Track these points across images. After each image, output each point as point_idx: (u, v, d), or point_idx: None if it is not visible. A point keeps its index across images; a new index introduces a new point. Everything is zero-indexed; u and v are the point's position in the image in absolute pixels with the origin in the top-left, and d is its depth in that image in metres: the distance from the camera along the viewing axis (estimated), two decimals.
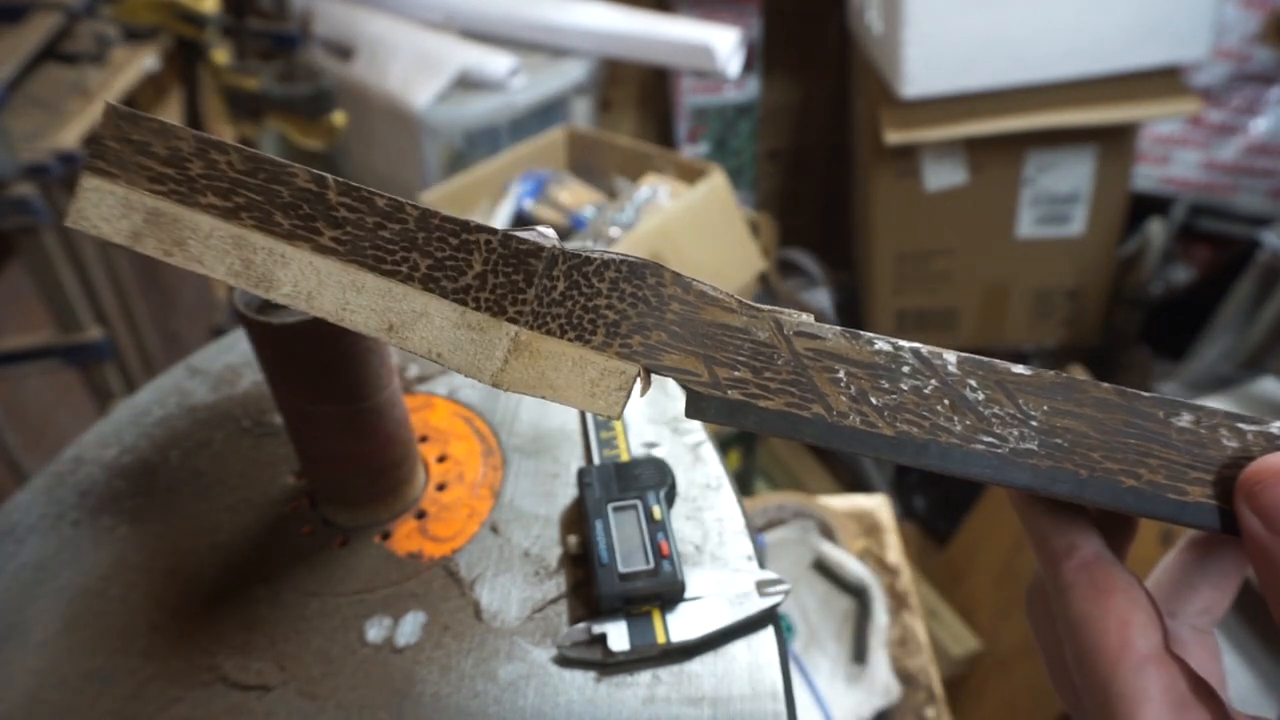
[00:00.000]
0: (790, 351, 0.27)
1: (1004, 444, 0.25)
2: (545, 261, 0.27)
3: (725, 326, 0.27)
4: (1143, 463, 0.25)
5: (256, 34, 1.45)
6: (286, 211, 0.28)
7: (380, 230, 0.28)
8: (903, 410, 0.26)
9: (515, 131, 1.52)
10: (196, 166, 0.28)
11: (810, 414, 0.26)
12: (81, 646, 0.40)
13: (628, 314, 0.27)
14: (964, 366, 0.26)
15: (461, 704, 0.37)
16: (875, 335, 0.26)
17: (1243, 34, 1.55)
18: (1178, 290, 1.59)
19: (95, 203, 0.28)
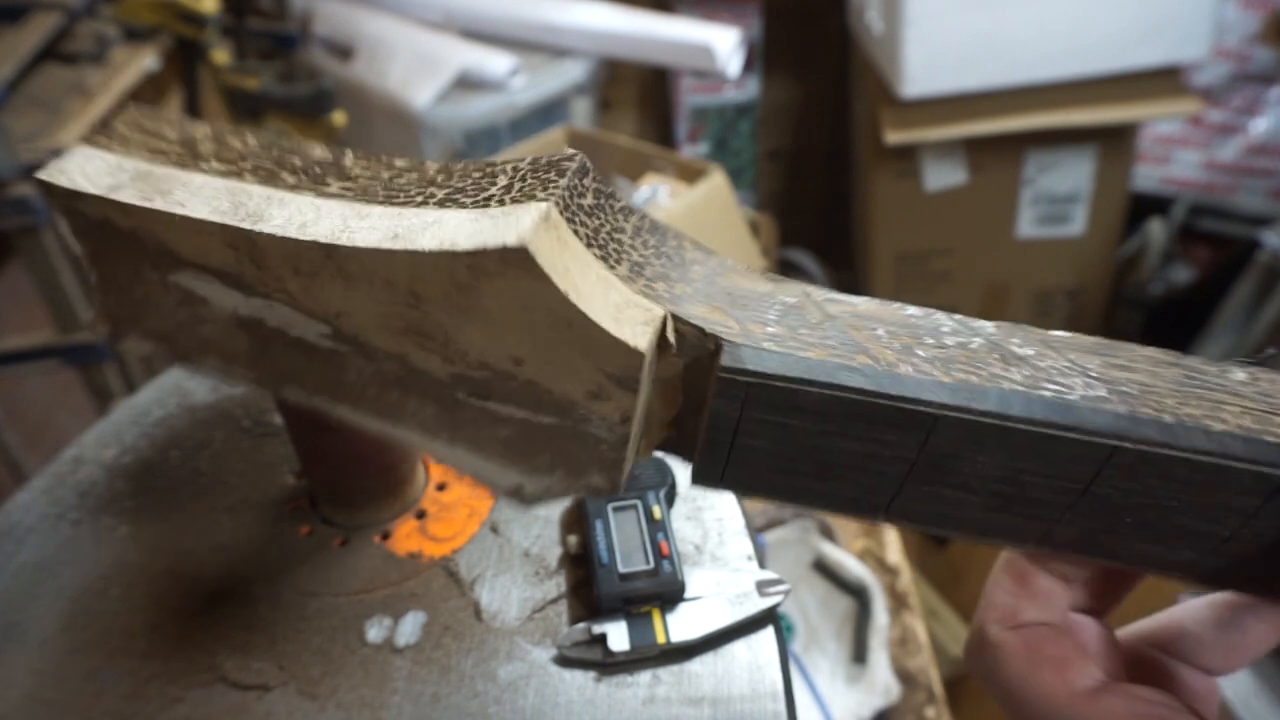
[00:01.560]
0: (822, 313, 0.25)
1: (1071, 391, 0.23)
2: (577, 167, 0.25)
3: (751, 291, 0.26)
4: (1222, 408, 0.22)
5: (256, 34, 1.45)
6: (296, 173, 0.26)
7: (396, 178, 0.26)
8: (954, 362, 0.23)
9: (515, 131, 1.52)
10: (206, 144, 0.27)
11: (857, 364, 0.23)
12: (81, 646, 0.39)
13: (651, 261, 0.25)
14: (1002, 329, 0.25)
15: (461, 704, 0.37)
16: (905, 304, 0.25)
17: (1243, 34, 1.55)
18: (1178, 290, 1.58)
19: (81, 162, 0.26)
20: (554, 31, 1.56)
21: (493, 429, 0.26)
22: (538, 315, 0.24)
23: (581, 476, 0.27)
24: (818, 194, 1.98)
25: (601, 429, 0.25)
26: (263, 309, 0.26)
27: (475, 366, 0.25)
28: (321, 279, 0.25)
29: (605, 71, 1.67)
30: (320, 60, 1.60)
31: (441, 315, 0.25)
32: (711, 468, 0.25)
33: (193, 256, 0.26)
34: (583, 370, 0.24)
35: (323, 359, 0.27)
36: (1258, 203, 1.62)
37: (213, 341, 0.28)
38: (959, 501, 0.24)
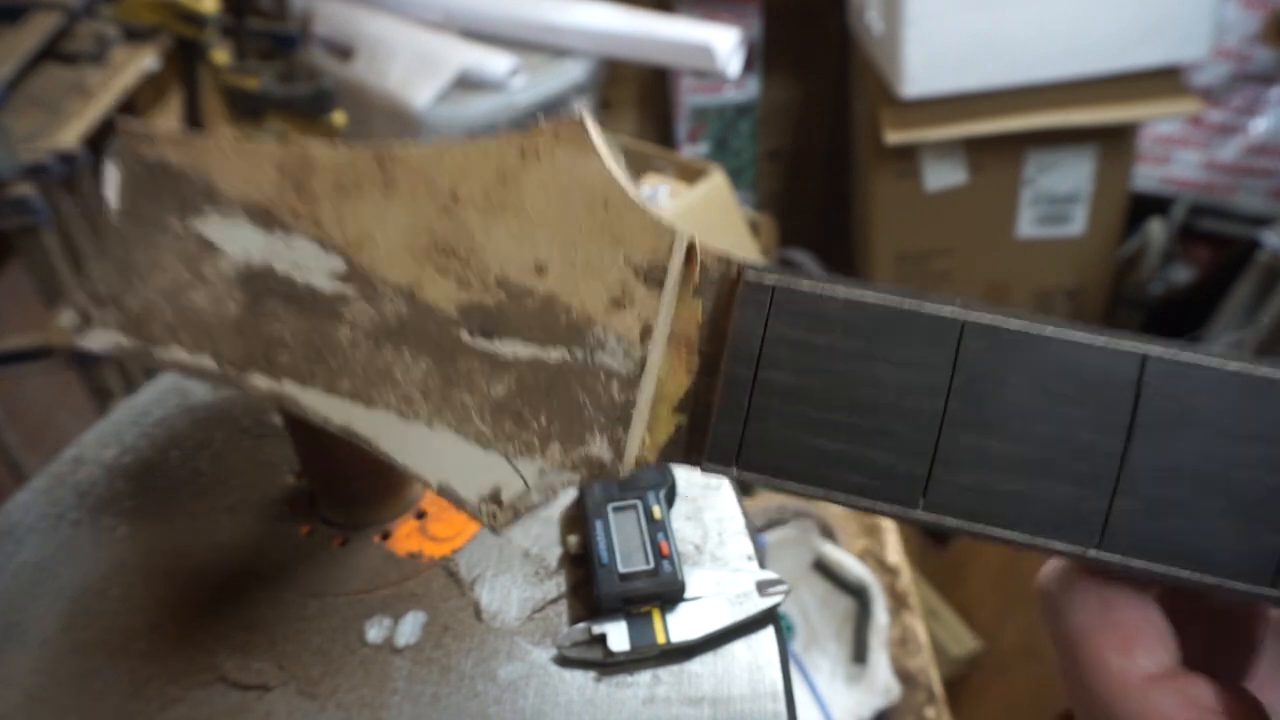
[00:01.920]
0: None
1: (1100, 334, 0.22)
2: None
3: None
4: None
5: (256, 34, 1.45)
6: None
7: None
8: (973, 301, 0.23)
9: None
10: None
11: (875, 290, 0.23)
12: (81, 646, 0.39)
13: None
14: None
15: (461, 704, 0.37)
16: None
17: (1243, 34, 1.55)
18: (1178, 290, 1.58)
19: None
20: (554, 31, 1.56)
21: (488, 385, 0.25)
22: (576, 199, 0.24)
23: (580, 443, 0.25)
24: (818, 194, 1.98)
25: (617, 356, 0.25)
26: (279, 249, 0.27)
27: (492, 287, 0.25)
28: (361, 193, 0.26)
29: (605, 71, 1.67)
30: (320, 60, 1.60)
31: (474, 219, 0.25)
32: (729, 433, 0.24)
33: (237, 189, 0.27)
34: (609, 267, 0.25)
35: (319, 314, 0.26)
36: (1258, 203, 1.62)
37: (195, 314, 0.27)
38: (1005, 467, 0.22)
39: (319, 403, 0.26)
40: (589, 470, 0.25)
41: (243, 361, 0.27)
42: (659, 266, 0.24)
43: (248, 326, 0.27)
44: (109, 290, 0.27)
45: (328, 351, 0.26)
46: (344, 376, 0.26)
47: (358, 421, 0.26)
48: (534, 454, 0.25)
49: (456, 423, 0.26)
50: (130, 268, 0.27)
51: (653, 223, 0.24)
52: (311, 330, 0.26)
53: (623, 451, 0.25)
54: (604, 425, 0.25)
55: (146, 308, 0.27)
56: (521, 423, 0.25)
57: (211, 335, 0.27)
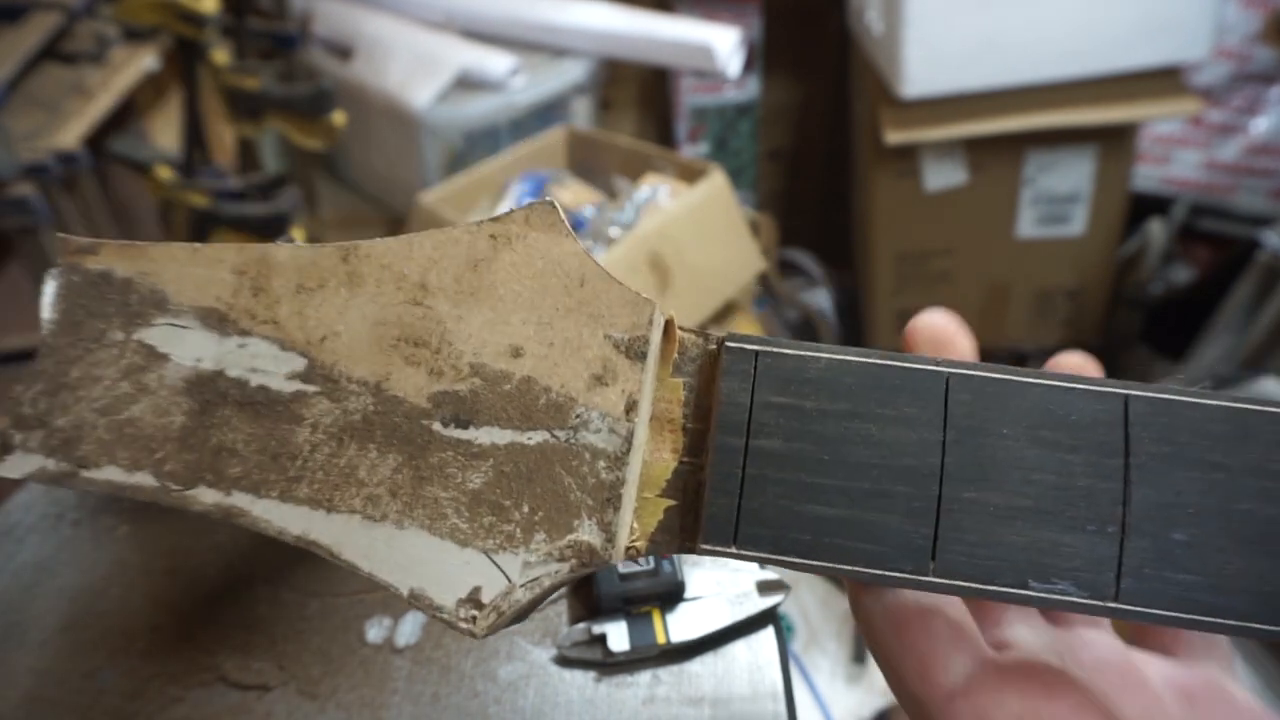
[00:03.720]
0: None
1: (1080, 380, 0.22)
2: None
3: None
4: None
5: (256, 34, 1.45)
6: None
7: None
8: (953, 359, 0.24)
9: (515, 131, 1.52)
10: None
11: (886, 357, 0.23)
12: (81, 646, 0.39)
13: None
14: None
15: (461, 704, 0.37)
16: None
17: (1243, 34, 1.55)
18: (1178, 290, 1.58)
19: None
20: (554, 31, 1.56)
21: (464, 476, 0.24)
22: (551, 279, 0.24)
23: (568, 530, 0.23)
24: (818, 194, 1.98)
25: (602, 433, 0.24)
26: (232, 353, 0.25)
27: (466, 375, 0.24)
28: (325, 291, 0.25)
29: (605, 71, 1.67)
30: (320, 60, 1.60)
31: (444, 307, 0.25)
32: (724, 509, 0.23)
33: (188, 295, 0.26)
34: (589, 344, 0.24)
35: (275, 417, 0.25)
36: (1258, 203, 1.62)
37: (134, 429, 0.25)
38: (1010, 520, 0.22)
39: (274, 513, 0.24)
40: (579, 558, 0.23)
41: (187, 476, 0.25)
42: (640, 339, 0.24)
43: (194, 437, 0.25)
44: (35, 412, 0.25)
45: (285, 456, 0.25)
46: (303, 482, 0.24)
47: (317, 529, 0.24)
48: (517, 547, 0.24)
49: (429, 521, 0.24)
50: (62, 386, 0.26)
51: (631, 297, 0.24)
52: (266, 435, 0.25)
53: (614, 535, 0.23)
54: (592, 508, 0.24)
55: (78, 426, 0.25)
56: (502, 514, 0.24)
57: (152, 450, 0.25)
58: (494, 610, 0.23)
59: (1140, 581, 0.21)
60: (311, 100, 1.30)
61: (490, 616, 0.23)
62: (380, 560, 0.24)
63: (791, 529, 0.22)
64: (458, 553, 0.24)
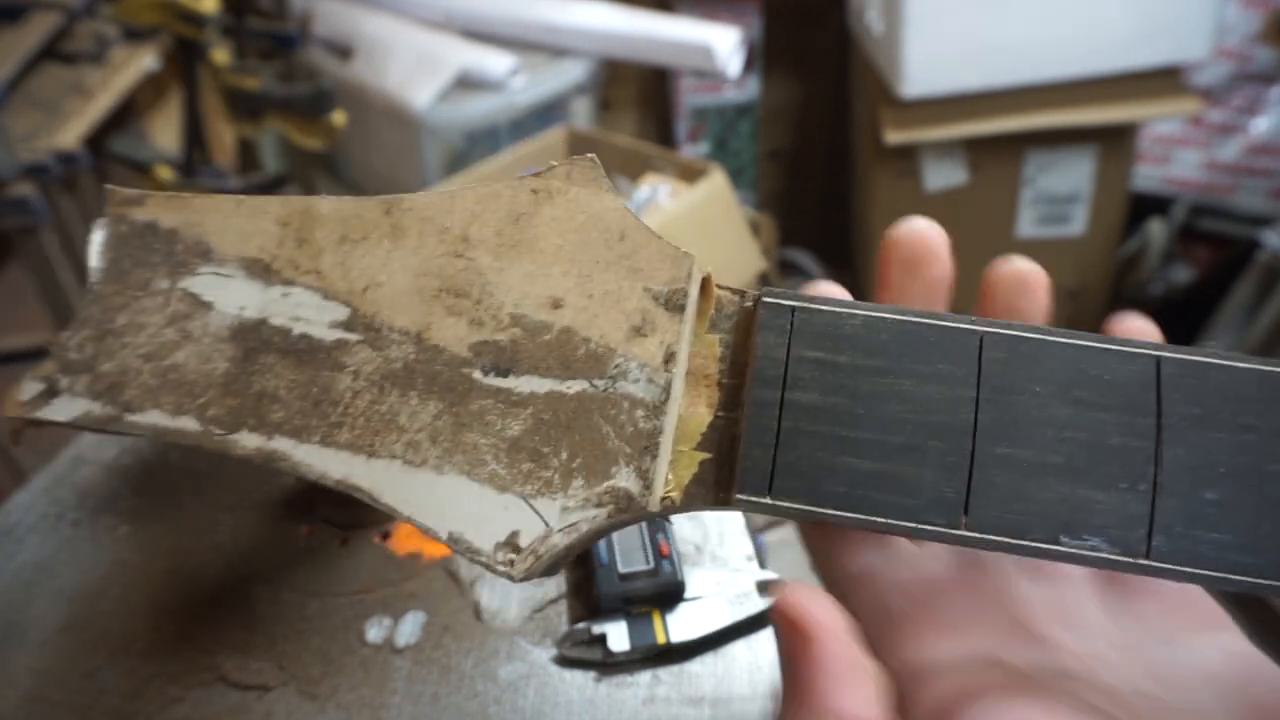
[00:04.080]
0: None
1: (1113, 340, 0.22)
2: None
3: None
4: None
5: (256, 34, 1.45)
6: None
7: None
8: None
9: (515, 131, 1.52)
10: None
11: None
12: (81, 646, 0.39)
13: None
14: None
15: (461, 704, 0.37)
16: None
17: (1243, 34, 1.55)
18: (1178, 290, 1.59)
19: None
20: (554, 31, 1.56)
21: (503, 423, 0.24)
22: (592, 233, 0.25)
23: (606, 477, 0.24)
24: (818, 194, 1.98)
25: (640, 383, 0.24)
26: (276, 302, 0.26)
27: (506, 325, 0.25)
28: (367, 242, 0.26)
29: (605, 71, 1.67)
30: (320, 60, 1.60)
31: (486, 259, 0.25)
32: (760, 460, 0.23)
33: (232, 245, 0.26)
34: (628, 296, 0.25)
35: (317, 364, 0.25)
36: (1258, 203, 1.62)
37: (179, 374, 0.26)
38: (1042, 476, 0.22)
39: (315, 457, 0.25)
40: (616, 505, 0.23)
41: (230, 420, 0.25)
42: (679, 291, 0.24)
43: (237, 383, 0.25)
44: (80, 357, 0.26)
45: (326, 402, 0.25)
46: (344, 427, 0.25)
47: (358, 474, 0.24)
48: (555, 492, 0.24)
49: (469, 466, 0.24)
50: (108, 332, 0.26)
51: (671, 251, 0.25)
52: (309, 381, 0.25)
53: (651, 482, 0.23)
54: (630, 455, 0.24)
55: (123, 371, 0.26)
56: (540, 460, 0.24)
57: (195, 395, 0.25)
58: (531, 554, 0.23)
59: (1171, 539, 0.21)
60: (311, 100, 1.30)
61: (528, 560, 0.23)
62: (419, 504, 0.24)
63: (826, 481, 0.23)
64: (496, 497, 0.24)
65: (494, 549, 0.23)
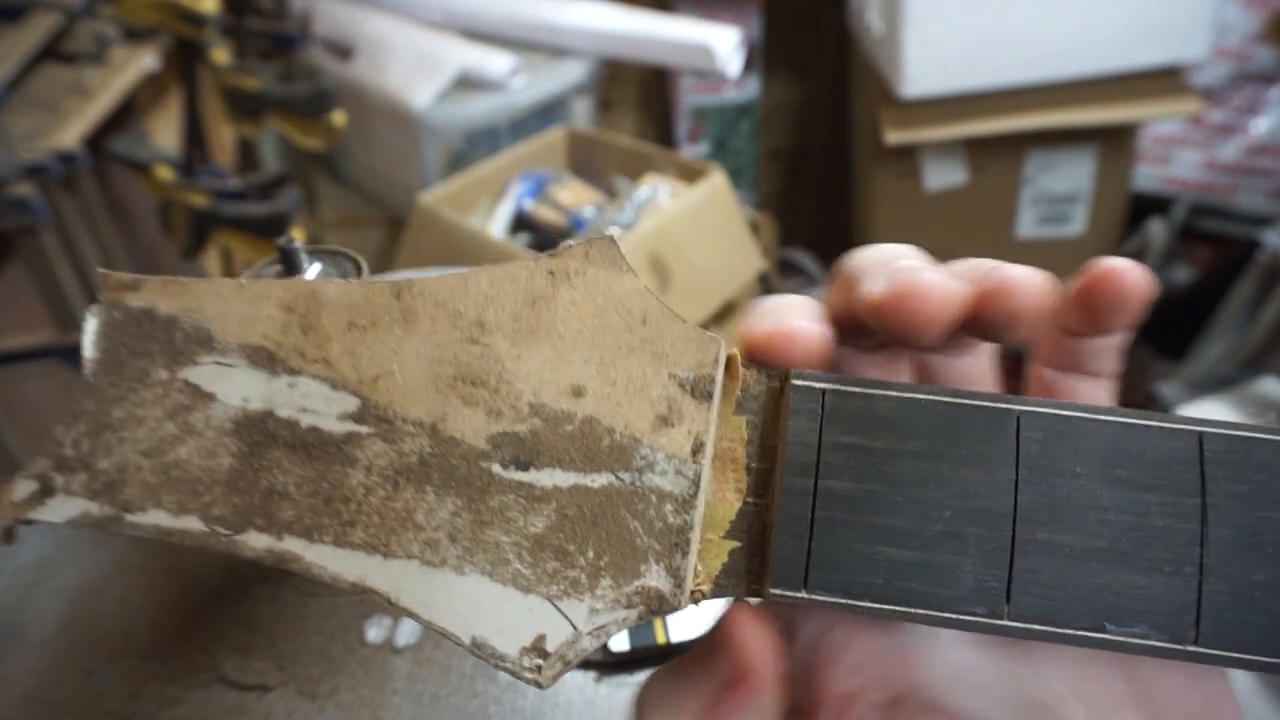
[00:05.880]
0: None
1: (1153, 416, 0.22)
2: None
3: None
4: None
5: (256, 34, 1.45)
6: None
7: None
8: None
9: (515, 131, 1.52)
10: None
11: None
12: (81, 646, 0.39)
13: None
14: None
15: (461, 704, 0.37)
16: None
17: (1243, 34, 1.55)
18: (1178, 290, 1.59)
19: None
20: (554, 31, 1.56)
21: (526, 520, 0.23)
22: (613, 317, 0.24)
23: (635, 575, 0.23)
24: (818, 194, 1.98)
25: (668, 475, 0.23)
26: (282, 393, 0.25)
27: (525, 415, 0.24)
28: (378, 329, 0.25)
29: (605, 71, 1.67)
30: (320, 60, 1.60)
31: (502, 345, 0.24)
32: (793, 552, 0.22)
33: (234, 333, 0.25)
34: (653, 383, 0.24)
35: (328, 459, 0.24)
36: (1258, 203, 1.62)
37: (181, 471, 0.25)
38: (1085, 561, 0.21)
39: (328, 558, 0.23)
40: (646, 605, 0.23)
41: (237, 520, 0.24)
42: (706, 378, 0.23)
43: (243, 480, 0.24)
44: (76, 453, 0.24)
45: (338, 500, 0.24)
46: (357, 526, 0.23)
47: (374, 576, 0.23)
48: (582, 593, 0.23)
49: (490, 566, 0.23)
50: (105, 426, 0.25)
51: (695, 335, 0.24)
52: (319, 477, 0.24)
53: (682, 581, 0.23)
54: (660, 553, 0.23)
55: (122, 468, 0.24)
56: (566, 559, 0.23)
57: (199, 493, 0.24)
58: (559, 659, 0.22)
59: (1219, 624, 0.21)
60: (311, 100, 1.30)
61: (556, 666, 0.22)
62: (440, 607, 0.23)
63: (862, 572, 0.22)
64: (521, 599, 0.23)
65: (520, 654, 0.23)
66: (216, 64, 1.30)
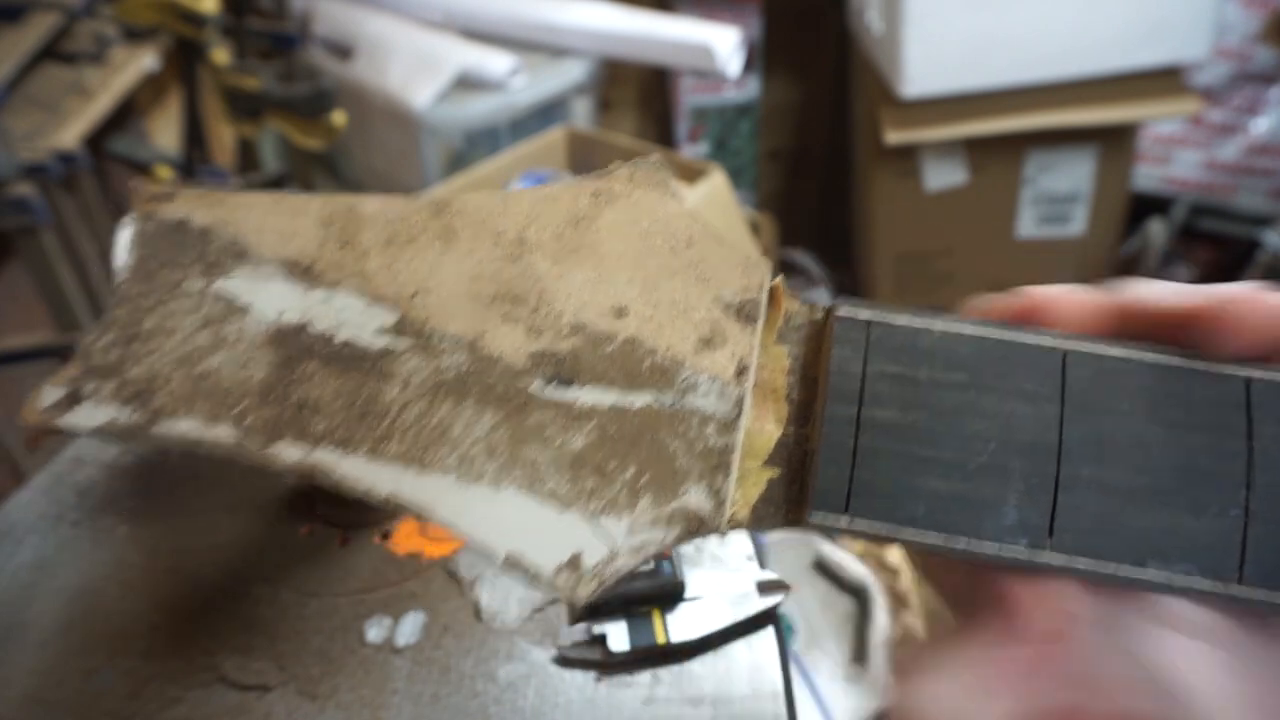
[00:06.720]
0: None
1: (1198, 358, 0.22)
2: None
3: None
4: None
5: (256, 34, 1.45)
6: None
7: None
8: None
9: (515, 131, 1.52)
10: None
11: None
12: (81, 646, 0.39)
13: None
14: None
15: (461, 704, 0.37)
16: None
17: (1243, 34, 1.55)
18: None
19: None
20: (554, 31, 1.56)
21: (565, 438, 0.23)
22: (658, 239, 0.24)
23: (675, 495, 0.22)
24: (818, 194, 1.98)
25: (710, 397, 0.23)
26: (318, 306, 0.24)
27: (566, 334, 0.23)
28: (417, 246, 0.24)
29: (605, 71, 1.67)
30: (320, 60, 1.60)
31: (543, 264, 0.24)
32: (835, 478, 0.22)
33: (270, 246, 0.24)
34: (696, 306, 0.23)
35: (363, 372, 0.24)
36: (1258, 203, 1.62)
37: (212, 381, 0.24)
38: (1129, 499, 0.21)
39: (361, 470, 0.23)
40: (686, 525, 0.22)
41: (268, 430, 0.23)
42: (752, 301, 0.23)
43: (276, 391, 0.23)
44: (106, 361, 0.24)
45: (373, 414, 0.23)
46: (392, 440, 0.23)
47: (408, 488, 0.23)
48: (620, 512, 0.22)
49: (528, 482, 0.22)
50: (136, 335, 0.24)
51: (742, 259, 0.23)
52: (354, 391, 0.23)
53: (723, 502, 0.22)
54: (701, 473, 0.22)
55: (152, 377, 0.24)
56: (605, 478, 0.22)
57: (231, 404, 0.23)
58: (595, 577, 0.22)
59: (1263, 566, 0.21)
60: (311, 100, 1.30)
61: (591, 584, 0.22)
62: (475, 521, 0.22)
63: (905, 501, 0.22)
64: (557, 516, 0.22)
65: (555, 571, 0.22)
66: (216, 64, 1.30)
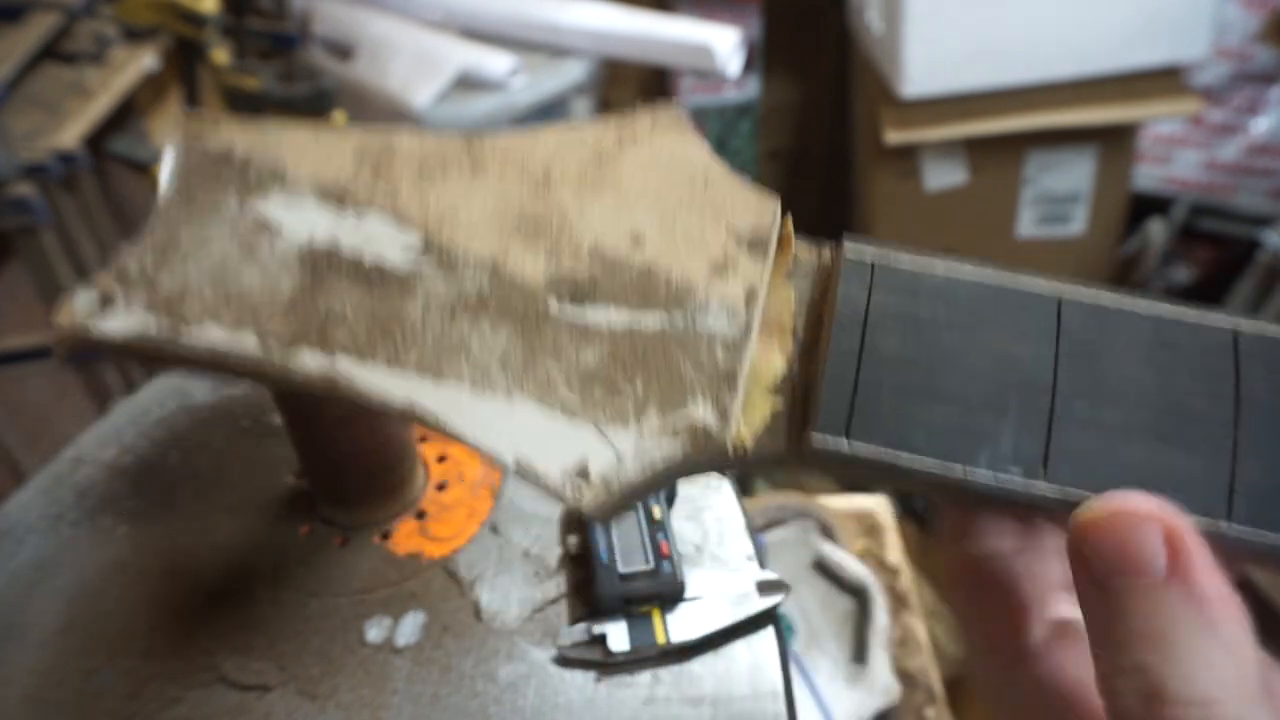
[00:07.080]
0: None
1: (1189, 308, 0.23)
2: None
3: None
4: None
5: (256, 34, 1.45)
6: None
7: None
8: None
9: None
10: None
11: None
12: (81, 646, 0.39)
13: None
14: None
15: (461, 704, 0.37)
16: None
17: (1243, 33, 1.55)
18: (1178, 290, 1.58)
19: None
20: (554, 31, 1.56)
21: (577, 354, 0.23)
22: (677, 176, 0.25)
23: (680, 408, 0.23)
24: (818, 194, 1.98)
25: (720, 320, 0.23)
26: (348, 227, 0.25)
27: (585, 259, 0.24)
28: (447, 177, 0.25)
29: (605, 71, 1.67)
30: (320, 60, 1.60)
31: (567, 197, 0.25)
32: (837, 403, 0.23)
33: (307, 172, 0.25)
34: (710, 236, 0.24)
35: (388, 288, 0.24)
36: (1258, 203, 1.62)
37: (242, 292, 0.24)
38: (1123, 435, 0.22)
39: (379, 380, 0.23)
40: (692, 438, 0.23)
41: (292, 338, 0.23)
42: (763, 234, 0.25)
43: (302, 304, 0.24)
44: (140, 270, 0.24)
45: (394, 326, 0.24)
46: (411, 350, 0.23)
47: (423, 398, 0.23)
48: (628, 421, 0.23)
49: (539, 393, 0.23)
50: (171, 249, 0.25)
51: (755, 197, 0.25)
52: (377, 305, 0.24)
53: (729, 416, 0.23)
54: (707, 387, 0.23)
55: (184, 288, 0.24)
56: (614, 389, 0.23)
57: (257, 313, 0.24)
58: (603, 484, 0.22)
59: (1252, 503, 0.21)
60: (311, 100, 1.30)
61: (599, 492, 0.22)
62: (486, 430, 0.23)
63: (904, 428, 0.22)
64: (567, 425, 0.23)
65: (562, 476, 0.22)
66: (216, 64, 1.30)
